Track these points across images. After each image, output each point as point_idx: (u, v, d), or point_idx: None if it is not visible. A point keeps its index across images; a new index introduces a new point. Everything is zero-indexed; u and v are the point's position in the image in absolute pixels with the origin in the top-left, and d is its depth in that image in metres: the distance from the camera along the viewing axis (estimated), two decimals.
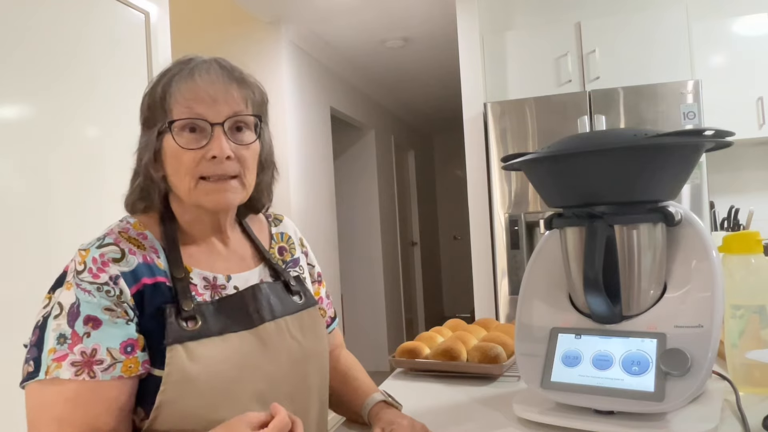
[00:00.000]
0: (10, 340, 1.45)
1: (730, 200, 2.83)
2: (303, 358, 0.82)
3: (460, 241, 6.85)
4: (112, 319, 0.70)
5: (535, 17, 3.11)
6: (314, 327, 0.86)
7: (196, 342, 0.71)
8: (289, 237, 0.97)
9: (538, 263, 0.94)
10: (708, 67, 2.67)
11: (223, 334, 0.74)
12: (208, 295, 0.77)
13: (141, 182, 0.79)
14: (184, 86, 0.75)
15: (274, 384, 0.77)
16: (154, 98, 0.77)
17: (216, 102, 0.75)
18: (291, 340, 0.81)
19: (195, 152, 0.74)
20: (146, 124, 0.79)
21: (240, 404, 0.73)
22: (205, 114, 0.74)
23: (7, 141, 1.50)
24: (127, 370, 0.69)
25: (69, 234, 1.65)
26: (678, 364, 0.74)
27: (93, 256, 0.73)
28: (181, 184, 0.76)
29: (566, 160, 0.79)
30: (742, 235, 0.91)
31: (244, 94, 0.78)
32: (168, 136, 0.75)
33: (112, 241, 0.75)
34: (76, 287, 0.71)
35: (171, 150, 0.75)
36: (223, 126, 0.75)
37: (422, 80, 4.74)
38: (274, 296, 0.83)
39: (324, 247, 3.76)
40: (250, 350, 0.76)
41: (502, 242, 2.63)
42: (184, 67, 0.77)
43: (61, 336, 0.69)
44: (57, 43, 1.66)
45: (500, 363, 1.09)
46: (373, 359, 4.61)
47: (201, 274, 0.78)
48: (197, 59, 0.79)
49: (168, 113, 0.75)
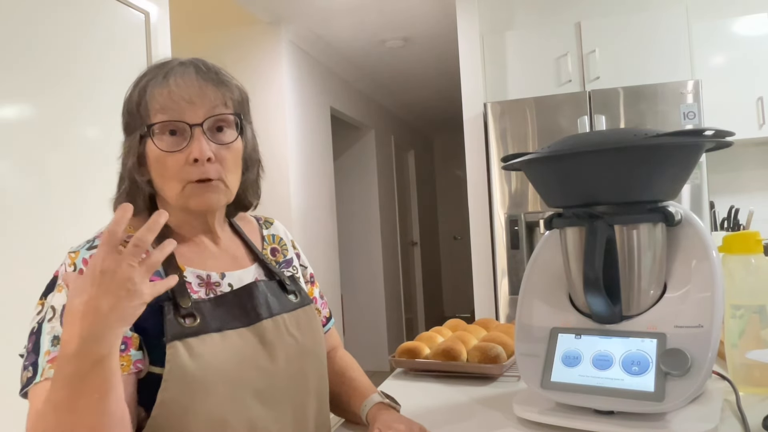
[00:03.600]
0: (10, 341, 1.45)
1: (730, 200, 2.83)
2: (300, 356, 0.82)
3: (460, 241, 6.86)
4: None
5: (535, 17, 3.11)
6: (311, 325, 0.86)
7: (196, 338, 0.71)
8: (280, 239, 0.98)
9: (538, 263, 0.94)
10: (708, 67, 2.67)
11: (222, 330, 0.74)
12: (203, 293, 0.77)
13: (127, 187, 0.79)
14: (158, 90, 0.75)
15: (273, 381, 0.77)
16: (131, 104, 0.77)
17: (193, 104, 0.75)
18: (289, 338, 0.81)
19: (177, 156, 0.75)
20: (127, 129, 0.79)
21: (240, 401, 0.73)
22: (183, 116, 0.74)
23: (7, 141, 1.50)
24: (121, 368, 0.68)
25: (69, 234, 1.65)
26: (678, 364, 0.74)
27: (83, 258, 0.73)
28: (168, 188, 0.77)
29: (566, 160, 0.79)
30: (742, 235, 0.91)
31: (221, 93, 0.78)
32: (149, 141, 0.75)
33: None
34: (66, 288, 0.69)
35: (154, 154, 0.76)
36: (202, 126, 0.75)
37: (422, 80, 4.74)
38: (271, 294, 0.83)
39: (324, 247, 3.76)
40: (249, 347, 0.76)
41: (502, 242, 2.63)
42: (158, 71, 0.77)
43: (55, 338, 0.68)
44: (57, 43, 1.67)
45: (500, 363, 1.09)
46: (373, 359, 4.61)
47: (194, 272, 0.78)
48: (173, 62, 0.79)
49: (146, 118, 0.75)
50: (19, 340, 1.59)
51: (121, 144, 0.80)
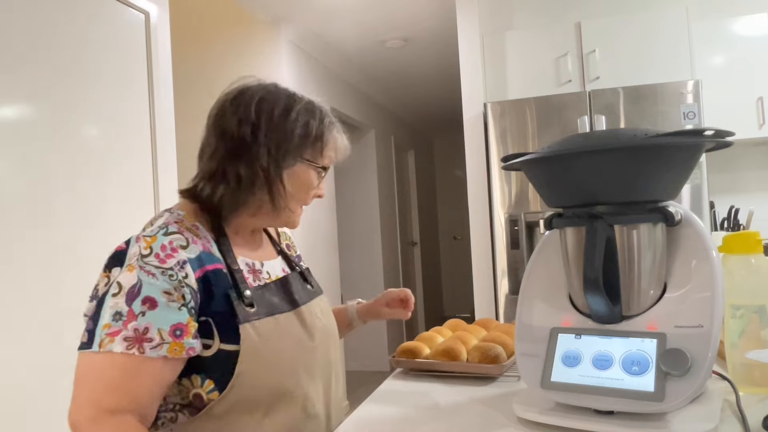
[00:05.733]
0: (10, 340, 1.45)
1: (730, 200, 2.83)
2: (327, 336, 0.97)
3: (460, 241, 6.85)
4: (168, 303, 0.78)
5: (535, 17, 3.11)
6: (328, 310, 1.03)
7: (258, 321, 0.84)
8: (289, 236, 1.13)
9: (538, 263, 0.94)
10: (708, 67, 2.67)
11: (273, 315, 0.87)
12: (252, 279, 0.90)
13: (245, 188, 0.87)
14: (333, 139, 0.94)
15: (314, 357, 0.91)
16: (308, 134, 0.90)
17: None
18: (318, 321, 0.96)
19: (314, 188, 0.95)
20: (285, 143, 0.88)
21: (296, 374, 0.87)
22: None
23: (7, 141, 1.50)
24: (173, 352, 0.77)
25: (69, 234, 1.65)
26: (678, 364, 0.74)
27: (162, 243, 0.81)
28: (291, 205, 0.93)
29: (566, 160, 0.79)
30: (742, 235, 0.91)
31: None
32: (303, 167, 0.91)
33: (176, 230, 0.84)
34: (139, 269, 0.78)
35: (306, 180, 0.92)
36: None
37: (422, 80, 4.74)
38: (298, 285, 0.98)
39: (324, 247, 3.75)
40: (295, 329, 0.90)
41: (502, 242, 2.63)
42: (333, 120, 0.95)
43: (117, 313, 0.76)
44: (57, 43, 1.67)
45: (500, 363, 1.09)
46: (373, 359, 4.61)
47: (244, 260, 0.91)
48: (332, 116, 0.96)
49: (318, 154, 0.92)
50: (20, 340, 1.59)
51: (249, 147, 0.87)
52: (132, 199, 1.89)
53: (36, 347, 1.51)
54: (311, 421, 0.90)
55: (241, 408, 0.82)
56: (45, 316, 1.55)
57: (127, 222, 1.85)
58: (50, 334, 1.55)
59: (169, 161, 2.08)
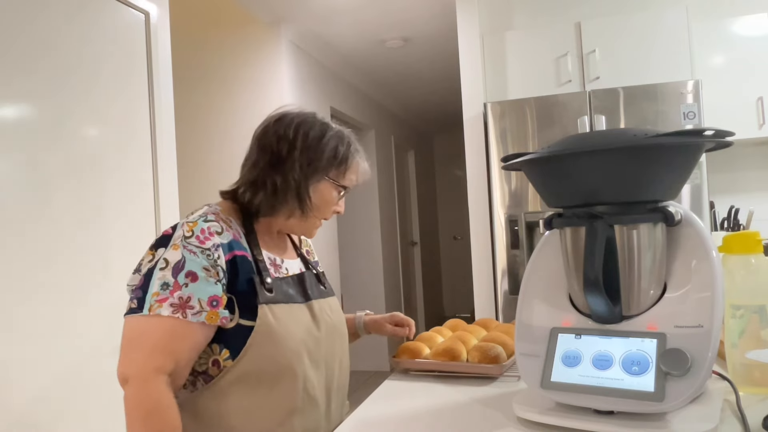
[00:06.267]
0: (10, 340, 1.45)
1: (730, 200, 2.83)
2: (333, 331, 1.08)
3: (460, 241, 6.85)
4: (207, 277, 0.91)
5: (535, 17, 3.11)
6: (338, 310, 1.15)
7: (276, 305, 0.97)
8: (310, 244, 1.27)
9: (538, 263, 0.94)
10: (708, 67, 2.67)
11: (288, 303, 1.00)
12: (273, 271, 1.03)
13: (280, 195, 1.03)
14: (356, 164, 1.09)
15: (318, 346, 1.03)
16: (336, 156, 1.05)
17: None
18: (327, 316, 1.08)
19: (335, 205, 1.09)
20: (315, 161, 1.03)
21: (300, 355, 0.98)
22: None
23: (7, 141, 1.50)
24: (210, 319, 0.91)
25: (68, 234, 1.65)
26: (678, 364, 0.74)
27: (201, 227, 0.95)
28: (314, 216, 1.07)
29: (566, 160, 0.79)
30: (742, 235, 0.91)
31: None
32: (327, 185, 1.06)
33: (214, 219, 0.98)
34: (183, 248, 0.92)
35: (328, 196, 1.07)
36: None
37: (422, 80, 4.73)
38: (313, 283, 1.11)
39: (324, 247, 3.76)
40: (305, 317, 1.03)
41: (502, 242, 2.63)
42: (358, 148, 1.10)
43: (164, 284, 0.90)
44: (57, 43, 1.66)
45: (500, 363, 1.09)
46: (373, 359, 4.61)
47: (267, 254, 1.05)
48: (357, 143, 1.11)
49: (341, 175, 1.07)
50: (20, 339, 1.59)
51: (290, 160, 1.03)
52: (132, 199, 1.89)
53: (36, 347, 1.51)
54: (311, 404, 1.00)
55: (247, 381, 0.94)
56: (45, 316, 1.55)
57: (127, 221, 1.84)
58: (50, 334, 1.55)
59: (169, 161, 2.08)
